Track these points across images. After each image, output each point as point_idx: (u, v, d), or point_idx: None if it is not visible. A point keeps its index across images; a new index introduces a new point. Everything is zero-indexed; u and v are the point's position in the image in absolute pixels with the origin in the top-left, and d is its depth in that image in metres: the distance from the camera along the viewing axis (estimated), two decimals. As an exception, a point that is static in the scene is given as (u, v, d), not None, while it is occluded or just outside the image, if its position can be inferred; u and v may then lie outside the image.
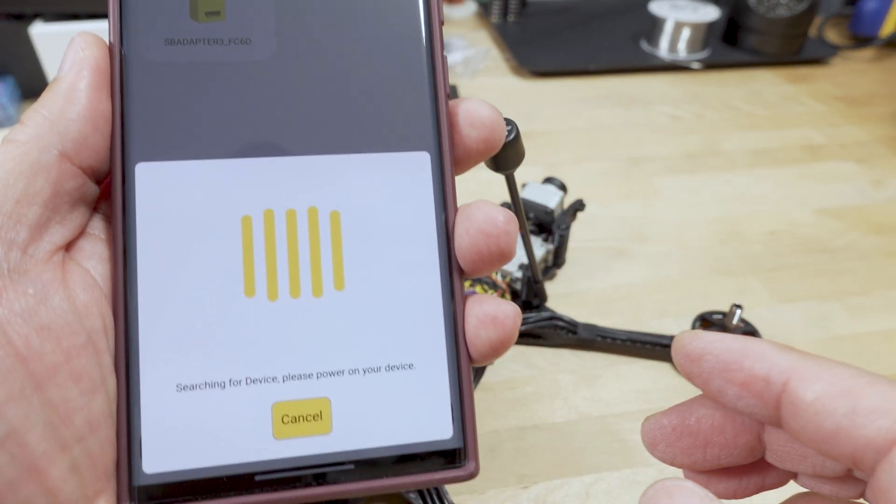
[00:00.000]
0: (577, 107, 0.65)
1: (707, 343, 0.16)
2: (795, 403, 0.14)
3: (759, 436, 0.16)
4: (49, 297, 0.16)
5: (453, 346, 0.19)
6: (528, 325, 0.38)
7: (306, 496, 0.17)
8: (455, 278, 0.19)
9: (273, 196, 0.18)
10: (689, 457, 0.17)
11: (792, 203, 0.52)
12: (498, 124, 0.19)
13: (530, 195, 0.41)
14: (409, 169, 0.19)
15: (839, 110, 0.66)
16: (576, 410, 0.35)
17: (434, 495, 0.30)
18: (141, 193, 0.18)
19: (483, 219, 0.18)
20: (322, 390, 0.18)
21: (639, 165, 0.56)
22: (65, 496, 0.16)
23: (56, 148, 0.17)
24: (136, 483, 0.17)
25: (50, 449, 0.15)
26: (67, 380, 0.16)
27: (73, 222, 0.17)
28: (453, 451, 0.18)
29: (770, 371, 0.15)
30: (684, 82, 0.70)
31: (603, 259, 0.46)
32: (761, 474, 0.17)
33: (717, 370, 0.16)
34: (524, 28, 0.79)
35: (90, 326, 0.17)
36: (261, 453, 0.17)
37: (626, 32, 0.78)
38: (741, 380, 0.15)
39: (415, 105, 0.19)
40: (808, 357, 0.15)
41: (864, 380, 0.14)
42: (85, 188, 0.17)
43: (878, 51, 0.79)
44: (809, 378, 0.14)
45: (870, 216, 0.51)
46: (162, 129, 0.18)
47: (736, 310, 0.36)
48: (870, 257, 0.47)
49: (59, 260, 0.17)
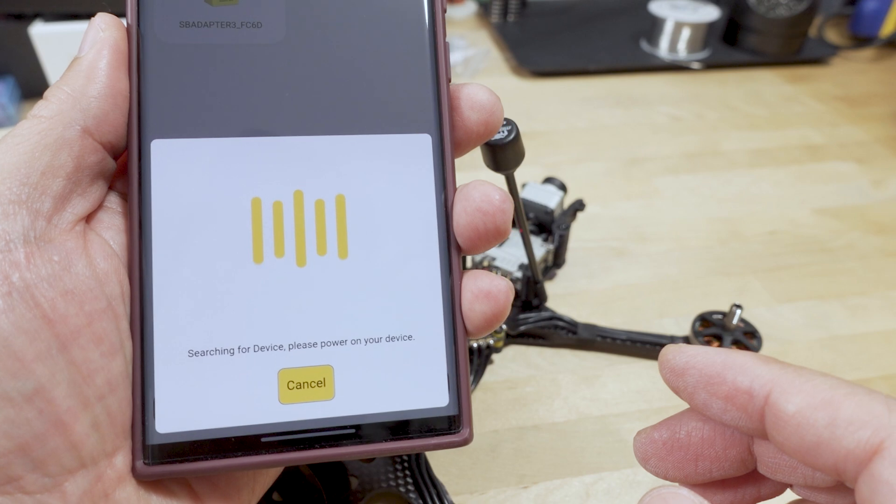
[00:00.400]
0: (577, 107, 0.65)
1: (690, 357, 0.16)
2: (778, 416, 0.14)
3: (749, 448, 0.16)
4: (72, 263, 0.17)
5: (450, 319, 0.20)
6: (528, 325, 0.38)
7: (309, 458, 0.18)
8: (453, 255, 0.20)
9: (281, 173, 0.19)
10: (681, 470, 0.17)
11: (792, 203, 0.52)
12: (497, 108, 0.20)
13: (530, 195, 0.41)
14: (411, 150, 0.20)
15: (839, 110, 0.66)
16: (576, 410, 0.35)
17: (434, 495, 0.30)
18: (156, 168, 0.18)
19: (480, 197, 0.19)
20: (326, 358, 0.19)
21: (639, 165, 0.56)
22: (87, 451, 0.17)
23: (79, 124, 0.17)
24: (150, 442, 0.18)
25: (74, 405, 0.16)
26: (89, 342, 0.17)
27: (93, 195, 0.18)
28: (449, 417, 0.19)
29: (752, 383, 0.15)
30: (684, 82, 0.70)
31: (603, 259, 0.46)
32: (756, 485, 0.17)
33: (701, 384, 0.16)
34: (524, 28, 0.79)
35: (110, 292, 0.17)
36: (267, 416, 0.18)
37: (626, 32, 0.78)
38: (725, 393, 0.15)
39: (417, 89, 0.20)
40: (790, 368, 0.15)
41: (843, 390, 0.14)
42: (104, 163, 0.18)
43: (878, 51, 0.79)
44: (790, 390, 0.14)
45: (870, 216, 0.51)
46: (176, 107, 0.19)
47: (736, 310, 0.36)
48: (870, 257, 0.47)
49: (81, 230, 0.18)
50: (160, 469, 0.17)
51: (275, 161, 0.19)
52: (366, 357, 0.19)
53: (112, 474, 0.17)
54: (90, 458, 0.17)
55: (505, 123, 0.24)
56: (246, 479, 0.20)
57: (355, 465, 0.30)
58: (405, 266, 0.19)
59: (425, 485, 0.30)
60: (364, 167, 0.20)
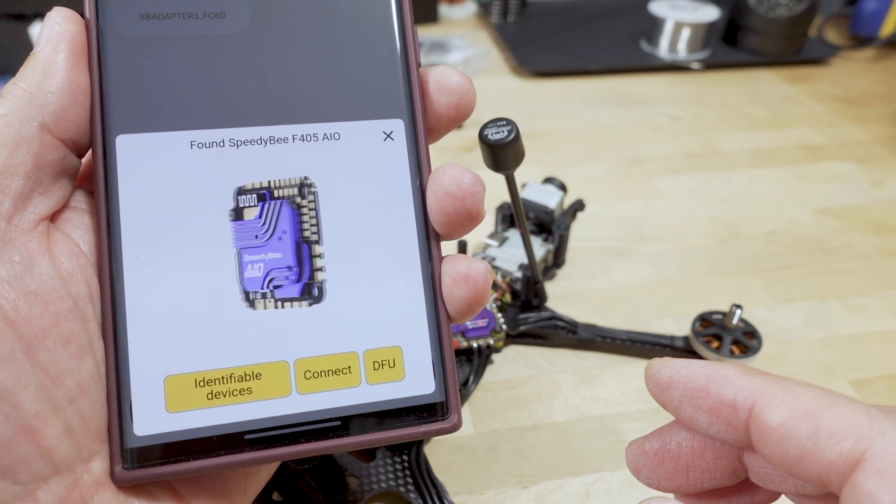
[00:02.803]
0: (577, 107, 0.65)
1: (675, 371, 0.16)
2: (762, 428, 0.14)
3: (740, 458, 0.16)
4: (35, 264, 0.16)
5: (432, 305, 0.19)
6: (528, 325, 0.38)
7: (295, 453, 0.18)
8: (432, 241, 0.20)
9: (252, 164, 0.19)
10: (672, 481, 0.17)
11: (791, 203, 0.52)
12: (468, 90, 0.20)
13: (530, 195, 0.41)
14: (383, 136, 0.20)
15: (839, 110, 0.66)
16: (576, 410, 0.35)
17: (434, 495, 0.30)
18: (122, 164, 0.18)
19: (449, 181, 0.19)
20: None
21: (639, 165, 0.56)
22: (60, 456, 0.16)
23: (36, 120, 0.17)
24: (128, 445, 0.17)
25: (43, 410, 0.16)
26: (56, 343, 0.16)
27: (56, 194, 0.18)
28: (435, 405, 0.19)
29: (736, 396, 0.15)
30: (684, 82, 0.70)
31: (603, 259, 0.46)
32: (749, 494, 0.17)
33: (685, 398, 0.16)
34: (524, 28, 0.79)
35: (76, 292, 0.17)
36: (249, 413, 0.18)
37: (626, 32, 0.78)
38: (709, 406, 0.15)
39: (387, 74, 0.20)
40: (773, 379, 0.15)
41: (826, 401, 0.14)
42: (66, 161, 0.18)
43: (878, 51, 0.79)
44: (773, 402, 0.14)
45: (869, 216, 0.51)
46: (140, 101, 0.18)
47: (736, 310, 0.36)
48: (869, 257, 0.47)
49: (44, 230, 0.17)
50: (140, 473, 0.17)
51: (244, 152, 0.19)
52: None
53: (89, 480, 0.17)
54: (64, 464, 0.16)
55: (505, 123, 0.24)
56: (235, 479, 0.20)
57: (355, 465, 0.30)
58: (383, 254, 0.19)
59: (425, 485, 0.30)
60: (336, 155, 0.19)
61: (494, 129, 0.24)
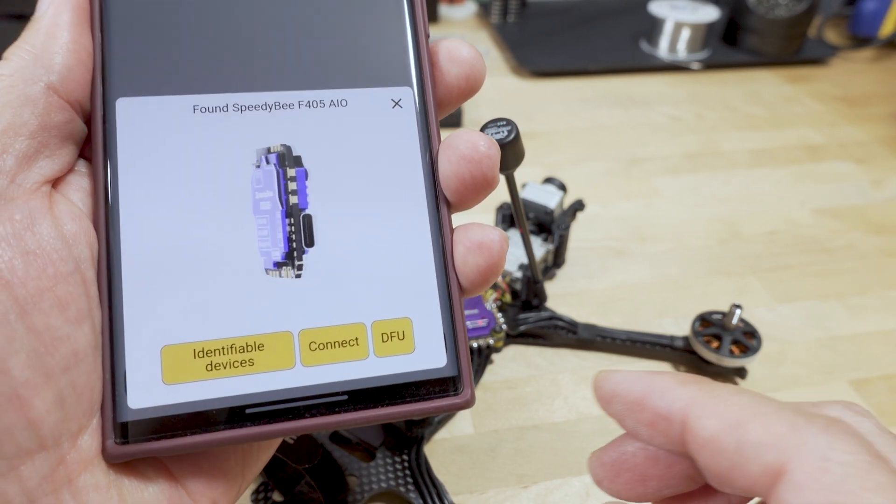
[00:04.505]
0: (577, 107, 0.65)
1: (615, 384, 0.16)
2: (695, 440, 0.14)
3: (693, 465, 0.16)
4: (36, 223, 0.16)
5: (443, 276, 0.19)
6: (528, 325, 0.38)
7: (299, 428, 0.17)
8: (442, 210, 0.19)
9: (256, 131, 0.18)
10: (632, 491, 0.16)
11: (791, 203, 0.52)
12: (478, 61, 0.19)
13: (530, 195, 0.41)
14: (392, 104, 0.19)
15: (838, 110, 0.66)
16: (576, 410, 0.35)
17: (434, 495, 0.30)
18: (122, 127, 0.18)
19: (464, 145, 0.18)
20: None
21: (638, 165, 0.56)
22: (48, 430, 0.15)
23: (42, 80, 0.16)
24: (121, 419, 0.16)
25: (33, 377, 0.15)
26: (53, 307, 0.15)
27: (62, 158, 0.17)
28: (447, 379, 0.18)
29: (670, 408, 0.15)
30: (684, 82, 0.70)
31: (603, 259, 0.46)
32: (712, 499, 0.17)
33: (626, 411, 0.16)
34: (524, 28, 0.79)
35: (78, 255, 0.16)
36: (251, 386, 0.17)
37: (626, 32, 0.78)
38: (647, 420, 0.15)
39: (395, 41, 0.19)
40: (707, 388, 0.15)
41: (753, 411, 0.13)
42: (73, 124, 0.17)
43: (878, 51, 0.79)
44: (705, 413, 0.14)
45: (869, 216, 0.51)
46: (141, 64, 0.18)
47: (736, 310, 0.36)
48: (869, 257, 0.47)
49: (48, 191, 0.17)
50: (133, 448, 0.16)
51: (249, 118, 0.18)
52: None
53: (76, 457, 0.16)
54: (51, 439, 0.15)
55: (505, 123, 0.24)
56: (234, 459, 0.19)
57: (354, 465, 0.30)
58: (392, 223, 0.19)
59: (425, 485, 0.30)
60: (344, 122, 0.19)
61: (494, 129, 0.24)
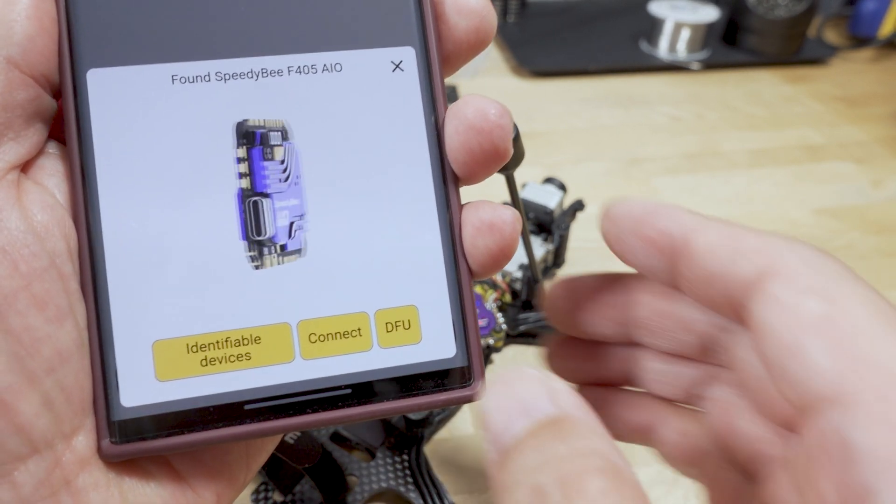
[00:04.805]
0: (577, 107, 0.65)
1: (629, 205, 0.17)
2: (689, 248, 0.16)
3: (626, 313, 0.19)
4: (2, 218, 0.14)
5: (452, 260, 0.17)
6: (528, 325, 0.38)
7: (302, 424, 0.16)
8: (450, 185, 0.17)
9: (243, 101, 0.17)
10: (568, 316, 0.20)
11: (791, 203, 0.52)
12: (488, 11, 0.18)
13: (530, 195, 0.41)
14: (392, 66, 0.17)
15: (838, 110, 0.66)
16: (576, 410, 0.35)
17: (434, 495, 0.30)
18: (95, 102, 0.16)
19: (473, 113, 0.17)
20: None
21: (638, 165, 0.57)
22: (38, 433, 0.14)
23: (0, 54, 0.15)
24: (115, 417, 0.15)
25: (16, 382, 0.14)
26: (30, 307, 0.14)
27: (29, 139, 0.15)
28: (457, 370, 0.17)
29: (673, 226, 0.16)
30: (684, 83, 0.70)
31: (603, 259, 0.46)
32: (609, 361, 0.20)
33: (633, 226, 0.17)
34: (524, 28, 0.79)
35: (52, 249, 0.15)
36: (250, 381, 0.16)
37: (626, 32, 0.78)
38: (650, 235, 0.17)
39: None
40: (713, 218, 0.16)
41: (747, 229, 0.15)
42: (39, 100, 0.16)
43: (877, 51, 0.79)
44: (707, 229, 0.16)
45: (869, 216, 0.51)
46: (113, 30, 0.16)
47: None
48: (869, 257, 0.47)
49: (14, 179, 0.15)
50: (129, 448, 0.15)
51: (234, 87, 0.17)
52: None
53: (72, 458, 0.15)
54: (43, 442, 0.15)
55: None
56: (237, 453, 0.18)
57: (354, 464, 0.30)
58: (395, 201, 0.17)
59: (425, 484, 0.30)
60: (338, 89, 0.17)
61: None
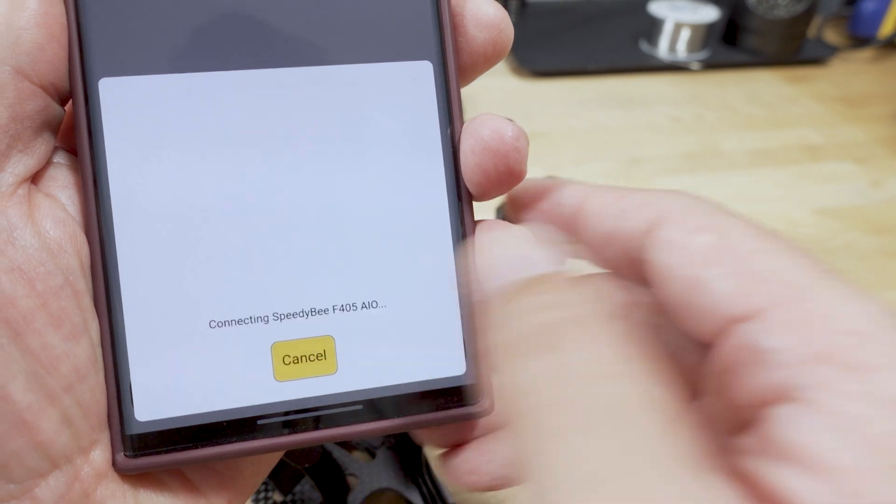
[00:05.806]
0: (577, 107, 0.65)
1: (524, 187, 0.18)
2: (584, 215, 0.16)
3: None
4: (17, 235, 0.14)
5: (465, 278, 0.17)
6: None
7: (313, 439, 0.17)
8: (464, 203, 0.17)
9: (258, 114, 0.16)
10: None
11: (791, 203, 0.52)
12: (506, 23, 0.17)
13: (530, 195, 0.41)
14: (409, 80, 0.17)
15: (838, 111, 0.66)
16: (576, 410, 0.35)
17: (434, 495, 0.30)
18: (107, 113, 0.16)
19: (489, 134, 0.17)
20: (325, 328, 0.17)
21: (638, 166, 0.57)
22: (58, 449, 0.15)
23: (8, 64, 0.14)
24: (129, 432, 0.16)
25: (36, 401, 0.14)
26: (47, 325, 0.14)
27: (38, 150, 0.15)
28: (465, 387, 0.17)
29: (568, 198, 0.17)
30: (683, 83, 0.70)
31: (603, 259, 0.46)
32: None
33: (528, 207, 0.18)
34: (524, 28, 0.79)
35: (65, 265, 0.15)
36: (262, 396, 0.16)
37: (626, 33, 0.78)
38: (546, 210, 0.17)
39: (414, 9, 0.17)
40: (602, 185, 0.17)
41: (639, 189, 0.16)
42: (48, 110, 0.15)
43: (877, 51, 0.79)
44: (596, 195, 0.16)
45: (869, 216, 0.51)
46: (126, 39, 0.16)
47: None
48: (869, 257, 0.47)
49: (25, 193, 0.15)
50: (144, 461, 0.16)
51: (250, 99, 0.16)
52: (370, 324, 0.17)
53: (90, 471, 0.15)
54: (62, 457, 0.15)
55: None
56: (249, 461, 0.18)
57: (355, 465, 0.30)
58: (407, 217, 0.17)
59: (425, 484, 0.30)
60: (355, 103, 0.17)
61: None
